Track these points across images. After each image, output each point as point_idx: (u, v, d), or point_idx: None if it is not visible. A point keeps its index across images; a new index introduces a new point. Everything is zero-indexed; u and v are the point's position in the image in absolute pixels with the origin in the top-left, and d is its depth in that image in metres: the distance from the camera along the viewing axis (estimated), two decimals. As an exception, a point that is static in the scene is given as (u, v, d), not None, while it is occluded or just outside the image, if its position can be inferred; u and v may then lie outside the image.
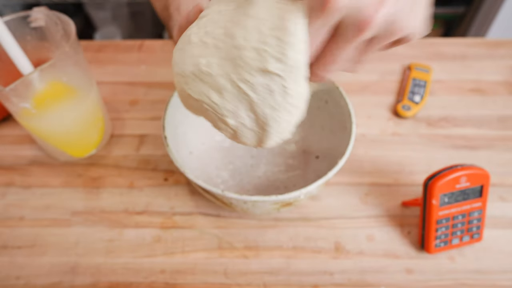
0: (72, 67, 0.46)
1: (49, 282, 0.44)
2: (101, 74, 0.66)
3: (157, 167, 0.54)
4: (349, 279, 0.44)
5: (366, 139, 0.57)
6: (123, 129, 0.59)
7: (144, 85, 0.65)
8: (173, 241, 0.47)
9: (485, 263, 0.45)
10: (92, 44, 0.72)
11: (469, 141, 0.57)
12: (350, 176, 0.53)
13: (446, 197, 0.43)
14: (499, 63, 0.68)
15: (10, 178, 0.53)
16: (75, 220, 0.49)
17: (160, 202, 0.51)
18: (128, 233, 0.48)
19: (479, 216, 0.44)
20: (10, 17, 0.47)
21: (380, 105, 0.62)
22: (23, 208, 0.50)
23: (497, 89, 0.64)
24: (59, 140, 0.51)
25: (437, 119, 0.60)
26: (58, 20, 0.48)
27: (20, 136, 0.58)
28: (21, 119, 0.47)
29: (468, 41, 0.72)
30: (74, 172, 0.54)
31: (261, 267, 0.45)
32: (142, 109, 0.62)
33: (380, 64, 0.68)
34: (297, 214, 0.49)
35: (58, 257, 0.46)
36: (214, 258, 0.46)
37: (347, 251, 0.46)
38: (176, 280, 0.44)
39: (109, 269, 0.45)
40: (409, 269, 0.44)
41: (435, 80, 0.65)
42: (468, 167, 0.42)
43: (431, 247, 0.44)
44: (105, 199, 0.51)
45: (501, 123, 0.59)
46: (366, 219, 0.49)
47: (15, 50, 0.43)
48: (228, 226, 0.48)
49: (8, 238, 0.47)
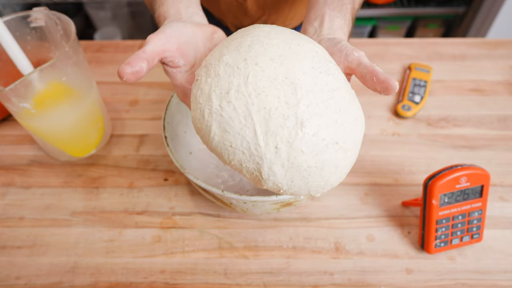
0: (72, 67, 0.46)
1: (49, 282, 0.44)
2: (101, 74, 0.66)
3: (157, 167, 0.54)
4: (349, 279, 0.44)
5: (366, 139, 0.57)
6: (123, 129, 0.59)
7: (144, 85, 0.65)
8: (173, 241, 0.47)
9: (485, 263, 0.45)
10: (92, 44, 0.72)
11: (469, 141, 0.57)
12: (350, 176, 0.53)
13: (446, 197, 0.43)
14: (499, 63, 0.68)
15: (10, 178, 0.53)
16: (75, 220, 0.49)
17: (160, 202, 0.51)
18: (128, 233, 0.48)
19: (479, 216, 0.44)
20: (10, 17, 0.47)
21: (380, 105, 0.62)
22: (23, 208, 0.50)
23: (497, 89, 0.64)
24: (59, 140, 0.51)
25: (437, 119, 0.60)
26: (58, 20, 0.48)
27: (20, 136, 0.58)
28: (21, 119, 0.47)
29: (468, 41, 0.72)
30: (74, 172, 0.54)
31: (261, 267, 0.45)
32: (142, 109, 0.62)
33: (380, 64, 0.68)
34: (297, 214, 0.49)
35: (58, 257, 0.46)
36: (214, 258, 0.46)
37: (347, 251, 0.46)
38: (176, 280, 0.44)
39: (109, 269, 0.45)
40: (409, 269, 0.44)
41: (435, 80, 0.65)
42: (468, 167, 0.42)
43: (431, 247, 0.44)
44: (105, 199, 0.51)
45: (501, 123, 0.59)
46: (366, 219, 0.49)
47: (15, 50, 0.43)
48: (228, 226, 0.48)
49: (8, 238, 0.47)
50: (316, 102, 0.28)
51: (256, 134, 0.27)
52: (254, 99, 0.27)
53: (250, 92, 0.27)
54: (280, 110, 0.27)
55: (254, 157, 0.28)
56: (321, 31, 0.37)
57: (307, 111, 0.27)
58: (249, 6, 0.60)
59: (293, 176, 0.29)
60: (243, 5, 0.60)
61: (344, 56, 0.33)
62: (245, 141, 0.28)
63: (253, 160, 0.29)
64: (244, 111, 0.27)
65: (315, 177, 0.29)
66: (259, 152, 0.28)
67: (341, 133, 0.29)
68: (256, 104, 0.27)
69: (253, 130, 0.27)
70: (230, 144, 0.29)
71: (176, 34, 0.34)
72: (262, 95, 0.27)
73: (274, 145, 0.27)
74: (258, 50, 0.29)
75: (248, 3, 0.59)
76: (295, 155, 0.28)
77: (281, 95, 0.27)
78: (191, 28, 0.35)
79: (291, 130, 0.27)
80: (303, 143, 0.27)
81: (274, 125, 0.27)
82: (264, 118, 0.27)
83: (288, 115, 0.27)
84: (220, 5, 0.62)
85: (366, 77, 0.31)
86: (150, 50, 0.32)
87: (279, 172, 0.28)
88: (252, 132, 0.28)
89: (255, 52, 0.29)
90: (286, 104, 0.27)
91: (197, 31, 0.36)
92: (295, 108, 0.27)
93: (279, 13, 0.62)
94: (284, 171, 0.28)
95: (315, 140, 0.27)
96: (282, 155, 0.28)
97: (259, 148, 0.28)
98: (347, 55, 0.33)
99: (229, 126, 0.28)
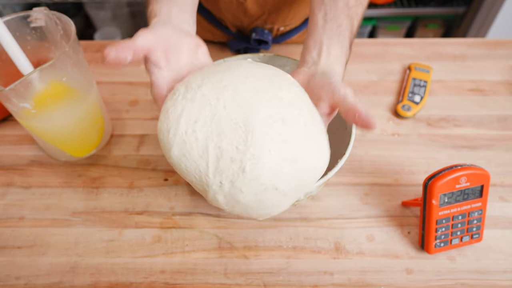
0: (72, 67, 0.46)
1: (49, 282, 0.44)
2: (101, 74, 0.66)
3: (157, 167, 0.54)
4: (349, 279, 0.44)
5: (366, 139, 0.57)
6: (123, 129, 0.59)
7: (144, 85, 0.65)
8: (173, 241, 0.47)
9: (485, 263, 0.45)
10: (92, 44, 0.72)
11: (469, 141, 0.57)
12: (350, 176, 0.53)
13: (446, 197, 0.43)
14: (499, 63, 0.68)
15: (10, 178, 0.53)
16: (75, 220, 0.49)
17: (160, 202, 0.51)
18: (128, 233, 0.48)
19: (479, 216, 0.44)
20: (10, 17, 0.47)
21: (380, 105, 0.62)
22: (23, 208, 0.50)
23: (497, 89, 0.64)
24: (59, 140, 0.51)
25: (437, 119, 0.60)
26: (58, 20, 0.48)
27: (20, 136, 0.58)
28: (21, 119, 0.47)
29: (468, 41, 0.72)
30: (74, 172, 0.54)
31: (261, 267, 0.45)
32: (142, 109, 0.62)
33: (380, 64, 0.68)
34: (297, 214, 0.49)
35: (58, 257, 0.46)
36: (214, 258, 0.46)
37: (347, 251, 0.46)
38: (176, 280, 0.44)
39: (109, 269, 0.45)
40: (409, 269, 0.44)
41: (435, 80, 0.65)
42: (468, 167, 0.42)
43: (431, 247, 0.44)
44: (105, 199, 0.51)
45: (501, 123, 0.59)
46: (366, 219, 0.49)
47: (15, 50, 0.43)
48: (228, 226, 0.48)
49: (8, 238, 0.47)
50: (263, 151, 0.31)
51: (208, 167, 0.32)
52: (214, 137, 0.31)
53: (213, 129, 0.32)
54: (231, 153, 0.31)
55: (202, 184, 0.33)
56: (319, 63, 0.39)
57: (251, 159, 0.31)
58: (248, 5, 0.60)
59: (233, 206, 0.33)
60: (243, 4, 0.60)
61: (332, 92, 0.36)
62: (198, 170, 0.32)
63: (201, 185, 0.33)
64: (203, 145, 0.32)
65: (253, 210, 0.34)
66: (207, 181, 0.32)
67: (283, 181, 0.32)
68: (214, 141, 0.31)
69: (206, 163, 0.32)
70: (186, 167, 0.33)
71: (165, 37, 0.35)
72: (222, 135, 0.31)
73: (219, 180, 0.32)
74: (230, 93, 0.33)
75: (248, 3, 0.59)
76: (235, 192, 0.32)
77: (234, 140, 0.31)
78: (179, 35, 0.37)
79: (235, 172, 0.31)
80: (243, 185, 0.31)
81: (223, 164, 0.31)
82: (216, 156, 0.31)
83: (235, 158, 0.31)
84: (219, 4, 0.62)
85: (348, 113, 0.33)
86: (139, 44, 0.33)
87: (221, 200, 0.33)
88: (205, 164, 0.32)
89: (228, 94, 0.33)
90: (236, 149, 0.31)
91: (184, 40, 0.37)
92: (242, 154, 0.31)
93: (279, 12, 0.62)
94: (226, 200, 0.33)
95: (254, 184, 0.31)
96: (225, 189, 0.32)
97: (208, 179, 0.32)
98: (334, 92, 0.35)
99: (188, 153, 0.32)
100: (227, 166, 0.31)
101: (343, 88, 0.35)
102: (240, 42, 0.67)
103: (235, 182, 0.31)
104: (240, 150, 0.31)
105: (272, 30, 0.66)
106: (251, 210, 0.34)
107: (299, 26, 0.68)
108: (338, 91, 0.35)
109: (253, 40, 0.65)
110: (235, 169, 0.31)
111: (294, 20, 0.66)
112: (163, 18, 0.38)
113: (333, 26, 0.40)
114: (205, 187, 0.33)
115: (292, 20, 0.65)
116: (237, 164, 0.31)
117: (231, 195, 0.32)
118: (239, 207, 0.33)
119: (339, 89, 0.35)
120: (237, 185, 0.31)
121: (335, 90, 0.35)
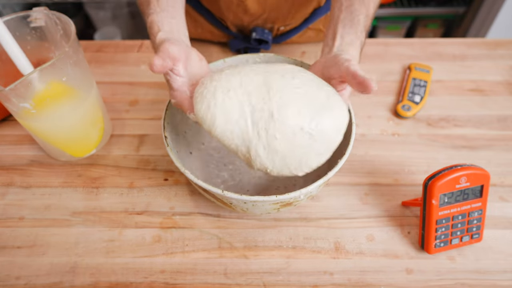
0: (72, 67, 0.46)
1: (49, 282, 0.44)
2: (101, 74, 0.66)
3: (157, 167, 0.54)
4: (349, 279, 0.44)
5: (366, 139, 0.57)
6: (123, 129, 0.59)
7: (144, 85, 0.65)
8: (173, 241, 0.47)
9: (485, 263, 0.45)
10: (92, 44, 0.72)
11: (469, 141, 0.57)
12: (350, 176, 0.53)
13: (446, 197, 0.43)
14: (499, 63, 0.68)
15: (10, 178, 0.53)
16: (75, 220, 0.49)
17: (160, 202, 0.51)
18: (128, 233, 0.48)
19: (479, 216, 0.44)
20: (10, 17, 0.47)
21: (380, 105, 0.62)
22: (23, 208, 0.50)
23: (497, 89, 0.64)
24: (59, 140, 0.51)
25: (437, 119, 0.60)
26: (58, 20, 0.48)
27: (20, 136, 0.58)
28: (21, 119, 0.47)
29: (468, 41, 0.72)
30: (74, 172, 0.54)
31: (261, 267, 0.45)
32: (142, 109, 0.62)
33: (380, 64, 0.68)
34: (297, 214, 0.49)
35: (58, 257, 0.46)
36: (214, 258, 0.46)
37: (347, 251, 0.46)
38: (176, 280, 0.44)
39: (109, 269, 0.45)
40: (409, 269, 0.44)
41: (435, 80, 0.65)
42: (468, 167, 0.42)
43: (431, 247, 0.44)
44: (105, 199, 0.51)
45: (501, 123, 0.59)
46: (366, 219, 0.49)
47: (15, 50, 0.43)
48: (228, 226, 0.48)
49: (8, 238, 0.47)
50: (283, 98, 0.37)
51: (246, 123, 0.37)
52: (245, 98, 0.37)
53: (243, 92, 0.37)
54: (260, 105, 0.37)
55: (245, 142, 0.37)
56: (333, 49, 0.42)
57: (275, 105, 0.36)
58: (249, 4, 0.60)
59: (273, 157, 0.37)
60: (243, 3, 0.60)
61: (338, 67, 0.39)
62: (240, 130, 0.37)
63: (245, 144, 0.38)
64: (239, 106, 0.37)
65: (291, 159, 0.37)
66: (248, 137, 0.37)
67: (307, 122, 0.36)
68: (246, 101, 0.37)
69: (245, 120, 0.37)
70: (231, 133, 0.37)
71: (183, 49, 0.40)
72: (250, 95, 0.37)
73: (257, 131, 0.37)
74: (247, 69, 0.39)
75: (248, 1, 0.59)
76: (271, 139, 0.37)
77: (260, 95, 0.37)
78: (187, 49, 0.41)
79: (266, 120, 0.36)
80: (275, 130, 0.36)
81: (256, 116, 0.37)
82: (250, 112, 0.37)
83: (263, 108, 0.37)
84: (220, 3, 0.62)
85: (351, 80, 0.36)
86: (175, 52, 0.38)
87: (262, 153, 0.37)
88: (244, 122, 0.37)
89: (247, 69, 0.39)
90: (263, 101, 0.37)
91: (191, 52, 0.42)
92: (268, 103, 0.37)
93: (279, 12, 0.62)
94: (266, 153, 0.37)
95: (284, 129, 0.36)
96: (263, 139, 0.37)
97: (248, 135, 0.37)
98: (340, 66, 0.38)
99: (229, 118, 0.37)
100: (259, 116, 0.36)
101: (347, 61, 0.38)
102: (240, 42, 0.67)
103: (269, 129, 0.36)
104: (266, 101, 0.37)
105: (272, 29, 0.66)
106: (289, 160, 0.37)
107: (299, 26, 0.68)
108: (343, 64, 0.38)
109: (253, 40, 0.65)
110: (266, 117, 0.36)
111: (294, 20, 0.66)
112: (168, 31, 0.41)
113: (347, 14, 0.43)
114: (248, 144, 0.37)
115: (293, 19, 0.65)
116: (266, 112, 0.36)
117: (268, 143, 0.37)
118: (278, 159, 0.37)
119: (344, 62, 0.38)
120: (271, 132, 0.36)
121: (340, 63, 0.38)
